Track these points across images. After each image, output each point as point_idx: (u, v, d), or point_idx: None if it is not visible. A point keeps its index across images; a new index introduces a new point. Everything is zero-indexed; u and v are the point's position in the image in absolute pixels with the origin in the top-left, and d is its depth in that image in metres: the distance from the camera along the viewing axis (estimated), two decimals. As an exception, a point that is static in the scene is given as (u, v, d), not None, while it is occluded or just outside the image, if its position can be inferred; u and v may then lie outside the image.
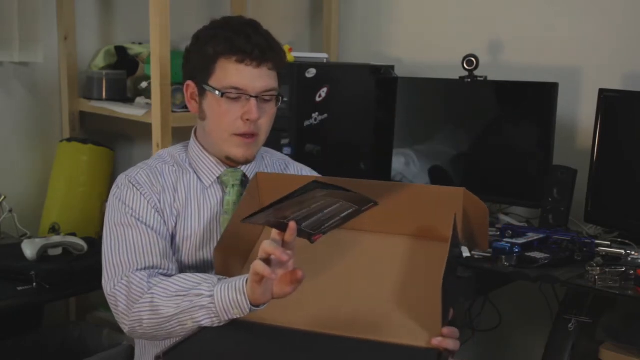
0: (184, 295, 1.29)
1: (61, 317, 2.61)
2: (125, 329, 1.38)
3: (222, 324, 1.27)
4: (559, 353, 1.86)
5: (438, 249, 1.33)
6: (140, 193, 1.47)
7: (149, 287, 1.35)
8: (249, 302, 1.23)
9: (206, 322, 1.27)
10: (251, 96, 1.45)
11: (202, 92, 1.49)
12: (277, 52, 1.48)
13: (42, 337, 2.21)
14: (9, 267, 1.95)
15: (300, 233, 1.22)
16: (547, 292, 2.19)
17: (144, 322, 1.34)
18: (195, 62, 1.49)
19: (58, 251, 2.07)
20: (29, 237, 2.21)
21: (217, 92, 1.45)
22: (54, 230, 2.32)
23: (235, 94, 1.45)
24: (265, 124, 1.50)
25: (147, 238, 1.43)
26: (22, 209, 2.41)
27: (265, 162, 1.62)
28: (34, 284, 1.90)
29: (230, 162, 1.53)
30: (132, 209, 1.45)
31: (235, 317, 1.26)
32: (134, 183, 1.48)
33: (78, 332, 2.26)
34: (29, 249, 2.02)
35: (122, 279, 1.38)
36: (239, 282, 1.25)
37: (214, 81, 1.46)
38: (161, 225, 1.47)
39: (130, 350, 1.96)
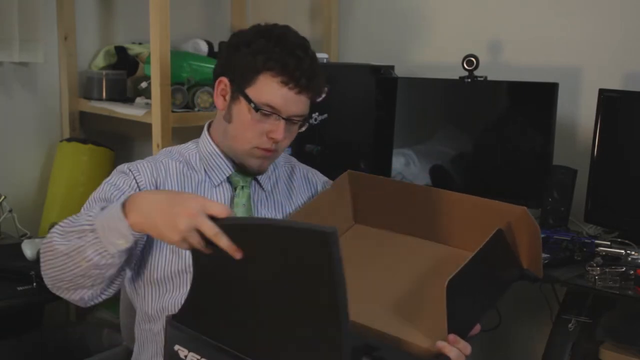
0: (74, 232, 1.24)
1: (61, 317, 2.61)
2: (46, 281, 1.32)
3: (114, 258, 1.22)
4: (559, 353, 1.86)
5: None
6: (134, 177, 1.45)
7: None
8: (130, 229, 1.18)
9: (97, 259, 1.23)
10: (282, 118, 1.44)
11: (235, 96, 1.47)
12: (319, 83, 1.46)
13: (42, 337, 2.21)
14: (9, 267, 1.95)
15: None
16: (547, 292, 2.19)
17: (46, 265, 1.28)
18: (238, 66, 1.45)
19: (58, 251, 2.07)
20: (29, 237, 2.21)
21: (252, 105, 1.43)
22: (54, 230, 2.32)
23: (269, 112, 1.43)
24: (285, 144, 1.49)
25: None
26: (22, 209, 2.41)
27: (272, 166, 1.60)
28: (34, 284, 1.90)
29: (243, 167, 1.51)
30: (116, 187, 1.43)
31: (122, 248, 1.21)
32: (132, 169, 1.46)
33: (78, 332, 2.26)
34: (29, 249, 2.02)
35: None
36: (115, 209, 1.19)
37: (251, 91, 1.43)
38: None
39: (131, 351, 1.95)
